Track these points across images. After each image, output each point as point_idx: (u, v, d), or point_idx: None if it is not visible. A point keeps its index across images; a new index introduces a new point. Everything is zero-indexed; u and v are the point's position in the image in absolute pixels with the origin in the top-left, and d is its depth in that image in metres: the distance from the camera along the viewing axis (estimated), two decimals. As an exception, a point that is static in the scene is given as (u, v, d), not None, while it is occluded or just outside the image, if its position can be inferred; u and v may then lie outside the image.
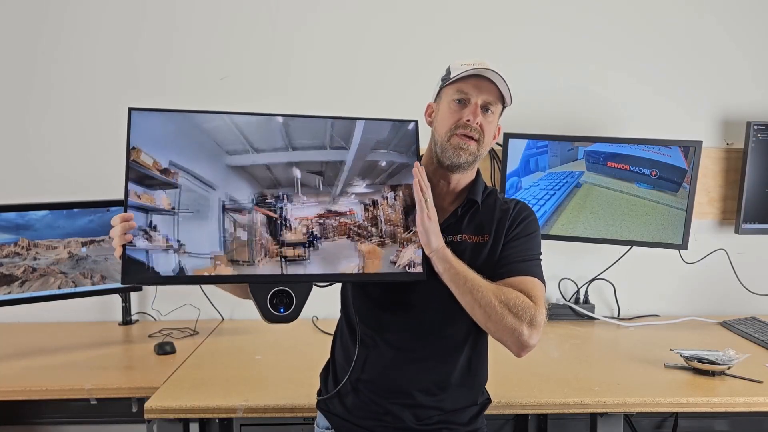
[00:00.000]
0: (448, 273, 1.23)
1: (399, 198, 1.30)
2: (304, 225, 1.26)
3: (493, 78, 1.28)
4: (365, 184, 1.29)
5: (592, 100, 2.33)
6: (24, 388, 1.69)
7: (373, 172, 1.30)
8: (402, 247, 1.28)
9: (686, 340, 2.01)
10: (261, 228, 1.24)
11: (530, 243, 1.34)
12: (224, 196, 1.23)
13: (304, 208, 1.26)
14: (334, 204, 1.28)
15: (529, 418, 1.96)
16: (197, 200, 1.21)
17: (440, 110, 1.35)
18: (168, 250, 1.18)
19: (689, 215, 2.12)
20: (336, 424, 1.39)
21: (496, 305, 1.21)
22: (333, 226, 1.27)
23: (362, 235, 1.28)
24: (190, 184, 1.21)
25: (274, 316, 1.22)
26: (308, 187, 1.27)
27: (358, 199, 1.29)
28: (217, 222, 1.22)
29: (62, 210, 1.98)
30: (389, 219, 1.29)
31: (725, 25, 2.31)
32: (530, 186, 2.20)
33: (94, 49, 2.27)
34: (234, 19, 2.27)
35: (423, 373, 1.33)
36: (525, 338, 1.22)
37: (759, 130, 2.23)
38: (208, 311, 2.29)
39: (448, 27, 2.28)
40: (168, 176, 1.20)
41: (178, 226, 1.19)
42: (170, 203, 1.19)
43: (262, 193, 1.24)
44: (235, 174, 1.24)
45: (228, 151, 1.24)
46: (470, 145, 1.30)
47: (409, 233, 1.29)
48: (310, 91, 2.29)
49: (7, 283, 1.91)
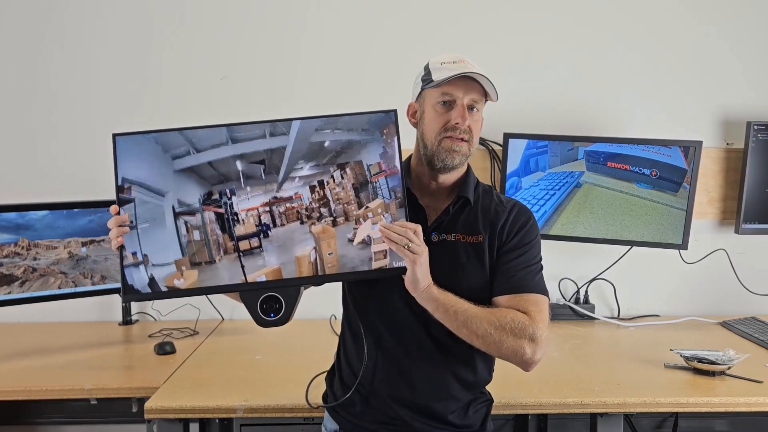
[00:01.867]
0: (438, 311, 1.24)
1: (347, 176, 1.28)
2: (252, 216, 1.26)
3: (479, 78, 1.27)
4: (310, 166, 1.28)
5: (592, 100, 2.33)
6: (24, 388, 1.69)
7: (319, 154, 1.28)
8: (357, 224, 1.27)
9: (686, 340, 2.01)
10: (212, 226, 1.26)
11: (529, 253, 1.33)
12: (174, 201, 1.25)
13: (250, 199, 1.27)
14: (279, 191, 1.27)
15: (529, 418, 1.96)
16: (152, 210, 1.24)
17: (426, 113, 1.33)
18: (138, 265, 1.23)
19: (689, 215, 2.12)
20: (345, 427, 1.39)
21: (493, 333, 1.22)
22: (280, 212, 1.27)
23: (312, 217, 1.27)
24: (143, 196, 1.24)
25: (264, 321, 1.25)
26: (253, 177, 1.27)
27: (304, 181, 1.28)
28: (172, 228, 1.25)
29: (62, 210, 1.98)
30: (339, 198, 1.28)
31: (725, 25, 2.31)
32: (530, 186, 2.20)
33: (96, 49, 2.27)
34: (238, 20, 2.27)
35: (430, 374, 1.33)
36: (528, 357, 1.23)
37: (759, 130, 2.23)
38: (208, 311, 2.29)
39: (446, 28, 2.28)
40: (123, 193, 1.24)
41: (139, 239, 1.23)
42: (130, 218, 1.23)
43: (209, 192, 1.26)
44: (182, 177, 1.26)
45: (173, 156, 1.26)
46: (461, 146, 1.30)
47: (362, 209, 1.27)
48: (317, 92, 2.29)
49: (7, 283, 1.91)
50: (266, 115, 1.33)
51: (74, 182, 2.25)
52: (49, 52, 2.27)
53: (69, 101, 2.29)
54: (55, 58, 2.27)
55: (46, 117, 2.29)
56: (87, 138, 2.28)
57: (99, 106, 2.29)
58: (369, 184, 1.27)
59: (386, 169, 1.27)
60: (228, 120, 1.28)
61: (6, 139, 2.30)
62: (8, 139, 2.30)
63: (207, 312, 2.29)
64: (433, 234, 1.34)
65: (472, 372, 1.36)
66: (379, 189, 1.27)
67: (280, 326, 1.26)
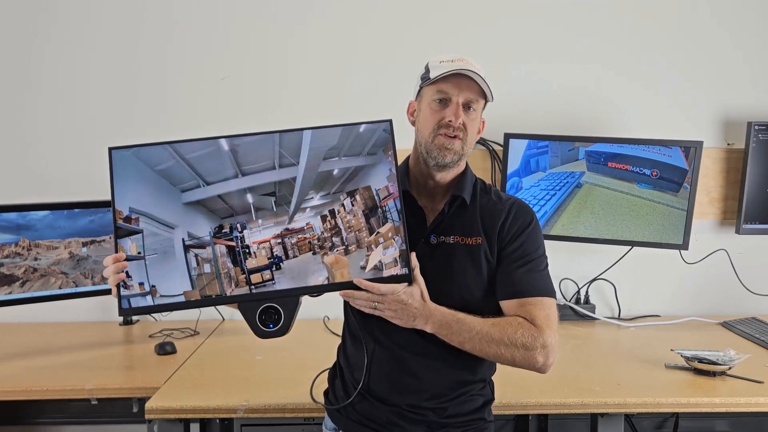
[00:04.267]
0: (445, 338, 1.25)
1: (357, 203, 1.27)
2: (264, 248, 1.26)
3: (473, 76, 1.27)
4: (320, 196, 1.27)
5: (592, 101, 2.33)
6: (25, 388, 1.69)
7: (328, 182, 1.27)
8: (369, 250, 1.26)
9: (687, 341, 2.01)
10: (224, 259, 1.25)
11: (532, 255, 1.32)
12: (184, 233, 1.24)
13: (261, 231, 1.26)
14: (291, 222, 1.26)
15: (530, 419, 1.96)
16: (161, 242, 1.24)
17: (422, 110, 1.33)
18: (145, 295, 1.22)
19: (690, 215, 2.11)
20: (344, 427, 1.39)
21: (504, 352, 1.23)
22: (293, 243, 1.26)
23: (325, 247, 1.26)
24: (152, 228, 1.24)
25: (263, 332, 1.25)
26: (264, 209, 1.26)
27: (315, 212, 1.27)
28: (182, 260, 1.24)
29: (63, 210, 1.98)
30: (350, 225, 1.27)
31: (726, 25, 2.31)
32: (531, 186, 2.20)
33: (94, 50, 2.28)
34: (233, 22, 2.27)
35: (430, 373, 1.33)
36: (540, 365, 1.25)
37: (760, 131, 2.23)
38: (208, 311, 2.28)
39: (444, 28, 2.28)
40: (131, 223, 1.23)
41: (147, 269, 1.22)
42: (137, 249, 1.22)
43: (220, 225, 1.25)
44: (191, 210, 1.25)
45: (182, 189, 1.25)
46: (454, 144, 1.29)
47: (373, 236, 1.27)
48: (306, 93, 2.30)
49: (8, 283, 1.91)
50: (255, 123, 1.32)
51: (75, 182, 2.25)
52: (49, 53, 2.27)
53: (69, 101, 2.29)
54: (55, 58, 2.28)
55: (46, 117, 2.29)
56: (87, 138, 2.28)
57: (99, 106, 2.29)
58: (378, 208, 1.27)
59: (394, 192, 1.27)
60: (219, 124, 1.28)
61: (6, 139, 2.30)
62: (8, 139, 2.30)
63: (207, 312, 2.28)
64: (431, 236, 1.33)
65: (472, 372, 1.36)
66: (389, 212, 1.27)
67: (279, 337, 1.26)
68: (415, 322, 1.24)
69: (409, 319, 1.24)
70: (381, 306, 1.23)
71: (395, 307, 1.23)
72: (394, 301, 1.22)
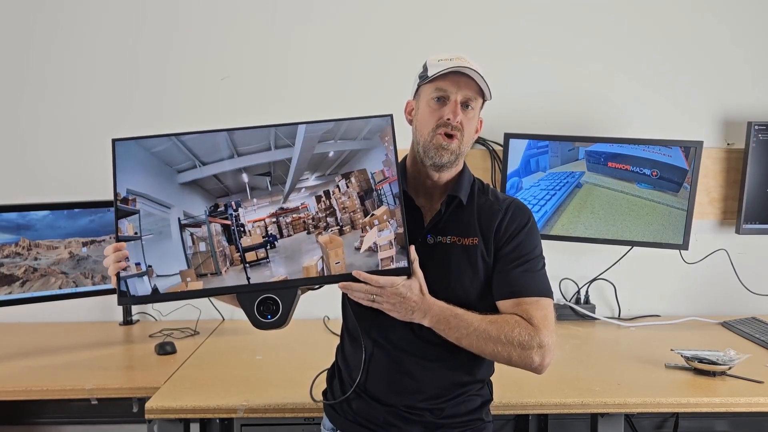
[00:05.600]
0: (442, 333, 1.25)
1: (352, 184, 1.28)
2: (259, 227, 1.27)
3: (471, 74, 1.27)
4: (315, 177, 1.28)
5: (592, 100, 2.33)
6: (25, 388, 1.69)
7: (323, 164, 1.28)
8: (364, 232, 1.27)
9: (687, 341, 2.01)
10: (219, 237, 1.26)
11: (528, 254, 1.31)
12: (180, 213, 1.26)
13: (256, 210, 1.27)
14: (286, 201, 1.28)
15: (530, 419, 1.96)
16: (157, 222, 1.25)
17: (420, 109, 1.33)
18: (142, 275, 1.23)
19: (690, 215, 2.11)
20: (341, 427, 1.39)
21: (500, 350, 1.23)
22: (287, 222, 1.27)
23: (319, 227, 1.27)
24: (148, 208, 1.25)
25: (261, 323, 1.25)
26: (258, 189, 1.27)
27: (310, 192, 1.28)
28: (177, 239, 1.25)
29: (63, 210, 1.98)
30: (345, 206, 1.28)
31: (726, 26, 2.31)
32: (531, 186, 2.20)
33: (94, 50, 2.28)
34: (233, 21, 2.27)
35: (427, 374, 1.32)
36: (537, 365, 1.25)
37: (760, 131, 2.23)
38: (208, 311, 2.29)
39: (444, 28, 2.28)
40: (128, 204, 1.24)
41: (143, 250, 1.23)
42: (134, 229, 1.24)
43: (215, 204, 1.26)
44: (187, 190, 1.26)
45: (178, 170, 1.26)
46: (452, 144, 1.29)
47: (368, 217, 1.27)
48: (306, 93, 2.30)
49: (8, 283, 1.91)
50: (255, 122, 1.33)
51: (75, 182, 2.26)
52: (49, 53, 2.27)
53: (70, 101, 2.29)
54: (56, 58, 2.28)
55: (46, 117, 2.29)
56: (87, 138, 2.28)
57: (99, 106, 2.29)
58: (374, 191, 1.27)
59: (389, 176, 1.28)
60: (219, 123, 1.28)
61: (6, 139, 2.30)
62: (8, 140, 2.30)
63: (207, 312, 2.29)
64: (428, 237, 1.33)
65: (469, 374, 1.35)
66: (384, 196, 1.28)
67: (277, 329, 1.26)
68: (413, 315, 1.24)
69: (407, 313, 1.24)
70: (379, 299, 1.23)
71: (394, 300, 1.23)
72: (393, 293, 1.22)
